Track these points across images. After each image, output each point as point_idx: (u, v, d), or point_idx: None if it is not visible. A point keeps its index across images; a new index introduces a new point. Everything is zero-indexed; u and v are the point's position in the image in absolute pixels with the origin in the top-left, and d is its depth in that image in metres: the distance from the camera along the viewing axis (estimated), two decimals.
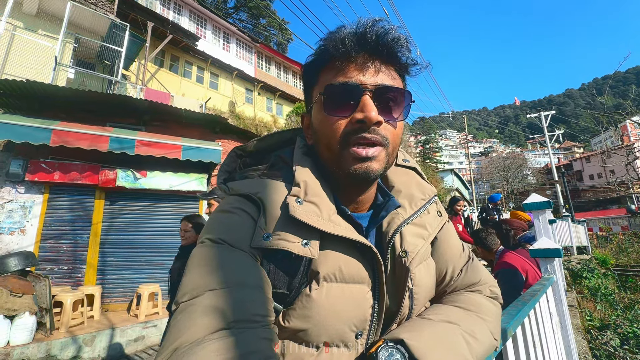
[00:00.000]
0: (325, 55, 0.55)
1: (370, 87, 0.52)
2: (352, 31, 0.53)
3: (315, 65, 0.58)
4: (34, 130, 4.48)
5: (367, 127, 0.51)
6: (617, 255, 9.21)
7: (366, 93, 0.52)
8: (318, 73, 0.58)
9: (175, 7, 15.09)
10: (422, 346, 0.48)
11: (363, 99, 0.52)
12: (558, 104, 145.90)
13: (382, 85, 0.53)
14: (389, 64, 0.55)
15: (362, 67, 0.53)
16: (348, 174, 0.53)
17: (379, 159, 0.53)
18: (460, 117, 38.98)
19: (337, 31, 0.55)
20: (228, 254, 0.48)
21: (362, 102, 0.51)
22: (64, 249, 5.01)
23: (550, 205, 2.37)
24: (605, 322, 4.15)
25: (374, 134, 0.52)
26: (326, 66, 0.56)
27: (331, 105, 0.54)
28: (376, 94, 0.52)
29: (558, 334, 1.79)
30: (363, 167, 0.52)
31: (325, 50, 0.55)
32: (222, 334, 0.38)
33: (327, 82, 0.54)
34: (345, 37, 0.53)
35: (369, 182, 0.57)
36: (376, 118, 0.51)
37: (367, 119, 0.50)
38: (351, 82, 0.52)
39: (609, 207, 32.14)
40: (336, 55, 0.54)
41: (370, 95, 0.52)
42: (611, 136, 36.35)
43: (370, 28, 0.53)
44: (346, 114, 0.53)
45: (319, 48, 0.57)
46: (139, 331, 4.52)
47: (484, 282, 0.68)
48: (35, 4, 7.61)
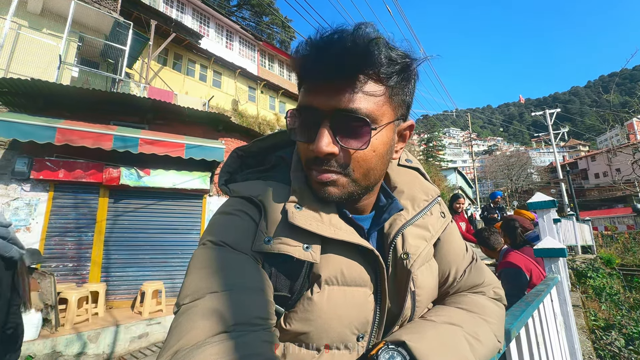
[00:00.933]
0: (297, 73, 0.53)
1: (326, 112, 0.47)
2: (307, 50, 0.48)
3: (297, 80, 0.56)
4: (38, 128, 4.52)
5: (321, 160, 0.49)
6: (622, 255, 9.12)
7: (323, 119, 0.48)
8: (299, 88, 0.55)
9: (178, 5, 15.12)
10: (424, 348, 0.47)
11: (319, 127, 0.48)
12: (563, 102, 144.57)
13: (339, 109, 0.47)
14: (356, 79, 0.46)
15: (323, 89, 0.48)
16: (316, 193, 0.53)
17: (338, 184, 0.51)
18: (464, 115, 38.75)
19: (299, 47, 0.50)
20: (229, 256, 0.48)
21: (319, 132, 0.48)
22: (69, 246, 5.06)
23: (554, 205, 2.34)
24: (610, 322, 4.12)
25: (327, 166, 0.49)
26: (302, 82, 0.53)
27: (293, 130, 0.52)
28: (334, 119, 0.48)
29: (562, 335, 1.78)
30: (323, 191, 0.51)
31: (293, 67, 0.52)
32: (223, 337, 0.38)
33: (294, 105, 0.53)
34: (301, 57, 0.49)
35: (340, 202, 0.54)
36: (325, 151, 0.47)
37: (316, 152, 0.48)
38: (308, 107, 0.49)
39: (614, 206, 31.84)
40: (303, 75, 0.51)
41: (328, 121, 0.48)
42: (617, 134, 35.93)
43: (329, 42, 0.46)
44: (308, 139, 0.50)
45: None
46: (143, 328, 4.55)
47: (488, 283, 0.68)
48: (40, 3, 7.65)
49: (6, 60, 6.81)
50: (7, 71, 6.62)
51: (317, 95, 0.48)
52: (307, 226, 0.49)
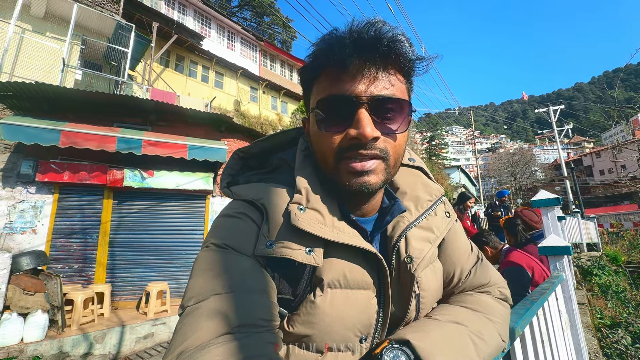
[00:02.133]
0: (317, 62, 0.51)
1: (365, 98, 0.48)
2: (344, 36, 0.48)
3: (309, 71, 0.54)
4: (43, 131, 4.56)
5: (362, 144, 0.48)
6: (628, 252, 9.02)
7: (361, 106, 0.48)
8: (312, 80, 0.54)
9: (179, 6, 15.16)
10: (428, 347, 0.47)
11: (358, 113, 0.48)
12: (567, 99, 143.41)
13: (379, 96, 0.48)
14: (387, 69, 0.50)
15: (356, 77, 0.48)
16: (344, 188, 0.51)
17: (377, 171, 0.50)
18: (467, 113, 38.56)
19: (328, 36, 0.51)
20: (233, 258, 0.48)
21: (357, 117, 0.48)
22: (74, 247, 5.10)
23: (559, 202, 2.33)
24: (617, 320, 4.08)
25: (370, 150, 0.49)
26: (321, 73, 0.52)
27: (324, 121, 0.50)
28: (372, 106, 0.48)
29: (567, 333, 1.77)
30: (359, 181, 0.49)
31: (317, 56, 0.51)
32: (227, 338, 0.38)
33: (320, 95, 0.51)
34: (336, 44, 0.48)
35: (369, 195, 0.55)
36: (371, 134, 0.47)
37: (362, 136, 0.47)
38: (344, 94, 0.48)
39: (620, 202, 31.55)
40: (328, 64, 0.49)
41: (366, 108, 0.48)
42: (622, 130, 35.58)
43: (364, 31, 0.48)
44: (341, 129, 0.49)
45: (311, 53, 0.52)
46: (148, 328, 4.58)
47: (494, 283, 0.67)
48: (43, 6, 7.71)
49: (10, 64, 6.87)
50: (12, 75, 6.68)
51: (351, 82, 0.48)
52: (309, 229, 0.49)
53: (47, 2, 7.66)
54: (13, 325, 3.69)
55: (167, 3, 14.69)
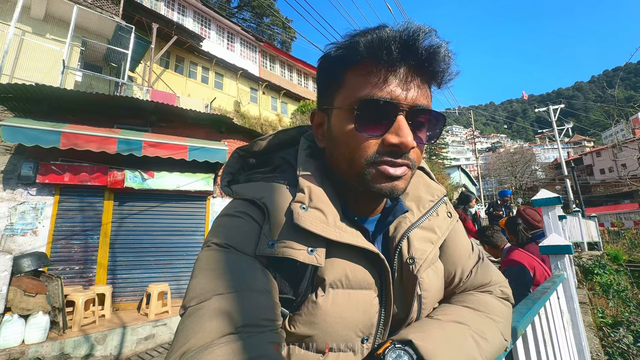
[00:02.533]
0: (355, 55, 0.48)
1: (406, 106, 0.47)
2: (398, 36, 0.46)
3: (341, 62, 0.50)
4: (44, 133, 4.56)
5: (401, 152, 0.48)
6: (629, 251, 9.01)
7: (401, 113, 0.47)
8: (344, 72, 0.50)
9: (179, 7, 15.18)
10: (431, 347, 0.47)
11: (398, 120, 0.47)
12: (567, 98, 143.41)
13: (420, 106, 0.48)
14: (427, 80, 0.49)
15: (402, 82, 0.47)
16: (371, 191, 0.50)
17: (406, 178, 0.51)
18: (467, 113, 38.57)
19: (378, 30, 0.47)
20: (235, 258, 0.48)
21: (398, 124, 0.47)
22: (75, 249, 5.10)
23: (559, 201, 2.32)
24: (618, 319, 4.08)
25: (404, 159, 0.49)
26: (354, 68, 0.49)
27: (363, 122, 0.48)
28: (411, 114, 0.48)
29: (569, 332, 1.76)
30: (390, 186, 0.49)
31: (359, 49, 0.47)
32: (230, 338, 0.38)
33: (361, 94, 0.48)
34: (391, 42, 0.45)
35: (383, 198, 0.56)
36: (412, 144, 0.47)
37: (403, 145, 0.46)
38: (389, 99, 0.46)
39: (621, 201, 31.53)
40: (375, 60, 0.47)
41: (404, 115, 0.47)
42: (622, 129, 35.55)
43: (420, 37, 0.46)
44: (378, 133, 0.48)
45: (350, 44, 0.49)
46: (149, 329, 4.58)
47: (495, 282, 0.67)
48: (43, 8, 7.72)
49: (11, 65, 6.88)
50: (12, 77, 6.69)
51: (397, 86, 0.47)
52: (312, 228, 0.48)
53: (47, 4, 7.67)
54: (14, 327, 3.69)
55: (167, 4, 14.71)
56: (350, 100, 0.49)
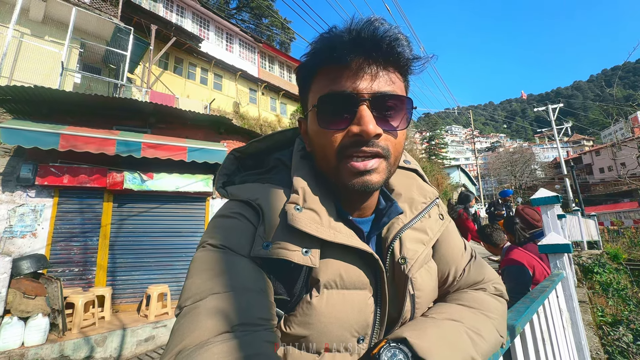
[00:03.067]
0: (316, 60, 0.51)
1: (366, 95, 0.47)
2: (344, 33, 0.48)
3: (307, 69, 0.54)
4: (43, 135, 4.56)
5: (365, 140, 0.48)
6: (629, 250, 9.01)
7: (363, 103, 0.48)
8: (311, 78, 0.53)
9: (178, 9, 15.19)
10: (426, 345, 0.47)
11: (359, 110, 0.47)
12: (566, 97, 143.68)
13: (380, 92, 0.48)
14: (387, 67, 0.50)
15: (357, 74, 0.48)
16: (346, 187, 0.50)
17: (379, 170, 0.50)
18: (466, 112, 38.60)
19: (328, 33, 0.50)
20: (230, 258, 0.48)
21: (359, 114, 0.47)
22: (75, 251, 5.10)
23: (558, 200, 2.32)
24: (618, 317, 4.08)
25: (372, 147, 0.48)
26: (319, 71, 0.52)
27: (325, 118, 0.50)
28: (374, 103, 0.48)
29: (569, 331, 1.76)
30: (361, 180, 0.49)
31: (316, 54, 0.51)
32: (226, 337, 0.38)
33: (319, 93, 0.50)
34: (336, 41, 0.48)
35: (368, 194, 0.56)
36: (374, 131, 0.47)
37: (365, 133, 0.47)
38: (345, 91, 0.48)
39: (620, 200, 31.54)
40: (328, 61, 0.49)
41: (367, 104, 0.48)
42: (621, 128, 35.62)
43: (365, 29, 0.47)
44: (342, 127, 0.49)
45: (310, 51, 0.52)
46: (149, 331, 4.58)
47: (488, 279, 0.67)
48: (42, 10, 7.72)
49: (9, 68, 6.88)
50: (11, 79, 6.69)
51: (352, 79, 0.48)
52: (306, 228, 0.48)
53: (46, 6, 7.67)
54: (14, 329, 3.68)
55: (166, 6, 14.71)
56: (313, 102, 0.52)
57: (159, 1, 14.42)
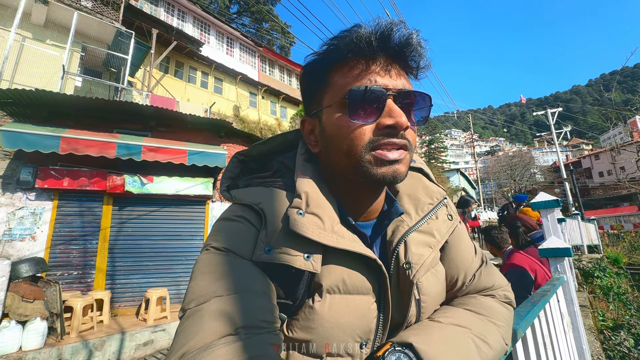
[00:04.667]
0: (337, 55, 0.52)
1: (394, 91, 0.50)
2: (374, 31, 0.50)
3: (323, 65, 0.54)
4: (43, 138, 4.56)
5: (397, 132, 0.50)
6: (629, 254, 9.00)
7: (390, 97, 0.50)
8: (326, 74, 0.54)
9: (179, 13, 15.28)
10: (431, 350, 0.47)
11: (388, 104, 0.50)
12: (565, 101, 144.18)
13: (405, 89, 0.51)
14: (406, 69, 0.54)
15: (384, 70, 0.51)
16: (374, 179, 0.50)
17: (405, 161, 0.51)
18: (466, 116, 38.74)
19: (355, 29, 0.51)
20: (233, 261, 0.48)
21: (389, 107, 0.50)
22: (74, 254, 5.08)
23: (558, 204, 2.33)
24: (619, 322, 4.07)
25: (402, 139, 0.50)
26: (338, 67, 0.53)
27: (356, 110, 0.50)
28: (399, 98, 0.51)
29: (570, 335, 1.76)
30: (391, 170, 0.50)
31: (339, 49, 0.51)
32: (230, 339, 0.38)
33: (348, 85, 0.51)
34: (368, 36, 0.50)
35: (394, 185, 0.59)
36: (406, 123, 0.50)
37: (398, 125, 0.49)
38: (377, 86, 0.50)
39: (620, 204, 31.50)
40: (356, 55, 0.51)
41: (393, 99, 0.50)
42: (620, 132, 35.69)
43: (394, 30, 0.50)
44: (371, 119, 0.50)
45: (330, 47, 0.53)
46: (148, 335, 4.55)
47: (498, 286, 0.66)
48: (43, 14, 7.77)
49: (11, 71, 6.90)
50: (12, 82, 6.72)
51: (381, 74, 0.51)
52: (308, 234, 0.48)
53: (48, 10, 7.72)
54: (12, 333, 3.66)
55: (167, 10, 14.81)
56: (339, 95, 0.52)
57: (160, 5, 14.51)
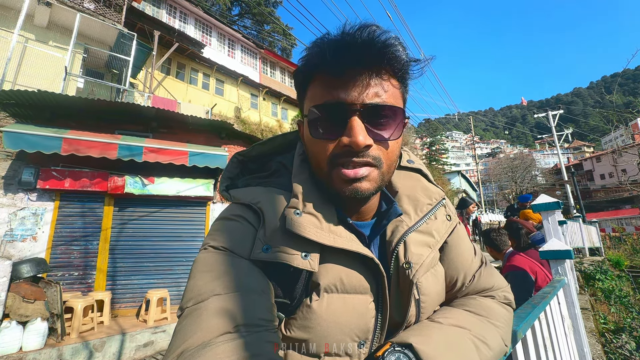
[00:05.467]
0: (309, 67, 0.51)
1: (358, 106, 0.47)
2: (334, 42, 0.47)
3: (302, 76, 0.53)
4: (45, 139, 4.58)
5: (354, 152, 0.47)
6: (631, 257, 8.95)
7: (354, 114, 0.47)
8: (306, 84, 0.53)
9: (181, 15, 15.35)
10: (431, 351, 0.47)
11: (350, 121, 0.47)
12: (566, 103, 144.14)
13: (372, 104, 0.47)
14: (381, 74, 0.49)
15: (349, 83, 0.47)
16: (338, 194, 0.51)
17: (370, 178, 0.50)
18: (467, 118, 38.74)
19: (320, 40, 0.50)
20: (231, 260, 0.48)
21: (350, 125, 0.47)
22: (75, 255, 5.09)
23: (559, 206, 2.32)
24: (620, 325, 4.05)
25: (363, 157, 0.48)
26: (313, 79, 0.51)
27: (317, 128, 0.50)
28: (365, 113, 0.48)
29: (571, 337, 1.75)
30: (352, 188, 0.49)
31: (309, 61, 0.51)
32: (228, 337, 0.39)
33: (312, 102, 0.50)
34: (327, 49, 0.47)
35: (363, 200, 0.55)
36: (364, 143, 0.47)
37: (354, 145, 0.46)
38: (337, 101, 0.47)
39: (621, 207, 31.43)
40: (320, 69, 0.49)
41: (358, 115, 0.47)
42: (622, 135, 35.63)
43: (356, 36, 0.46)
44: (333, 136, 0.49)
45: (304, 57, 0.52)
46: (148, 336, 4.55)
47: (498, 287, 0.66)
48: (46, 16, 7.81)
49: (13, 72, 6.94)
50: (15, 83, 6.75)
51: (344, 89, 0.47)
52: (305, 233, 0.48)
53: (51, 12, 7.77)
54: (12, 333, 3.66)
55: (169, 12, 14.87)
56: (307, 110, 0.51)
57: (163, 7, 14.58)
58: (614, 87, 11.09)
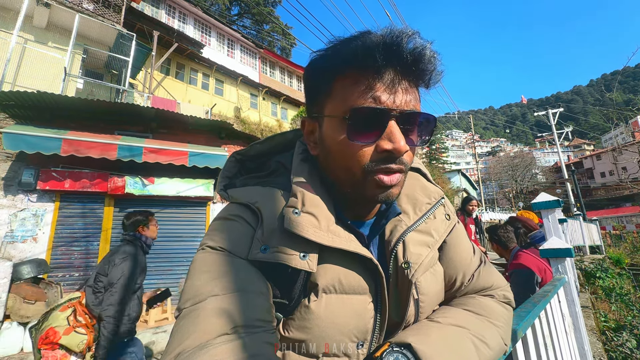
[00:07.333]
0: (342, 64, 0.49)
1: (397, 112, 0.47)
2: (382, 41, 0.45)
3: (328, 72, 0.51)
4: (45, 140, 4.58)
5: (395, 157, 0.48)
6: (632, 255, 8.94)
7: (393, 118, 0.47)
8: (332, 81, 0.51)
9: (180, 15, 15.34)
10: (430, 351, 0.46)
11: (390, 126, 0.47)
12: (566, 101, 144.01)
13: (410, 111, 0.48)
14: (416, 82, 0.49)
15: (390, 87, 0.47)
16: (368, 199, 0.51)
17: (400, 184, 0.51)
18: (467, 117, 38.71)
19: (362, 37, 0.47)
20: (229, 261, 0.48)
21: (390, 130, 0.47)
22: (75, 255, 5.09)
23: (559, 204, 2.31)
24: (621, 323, 4.05)
25: (399, 164, 0.49)
26: (343, 76, 0.49)
27: (356, 130, 0.48)
28: (401, 119, 0.48)
29: (571, 336, 1.75)
30: (386, 194, 0.50)
31: (344, 58, 0.48)
32: (226, 338, 0.38)
33: (352, 103, 0.48)
34: (375, 48, 0.45)
35: (373, 203, 0.56)
36: (405, 148, 0.47)
37: (396, 150, 0.47)
38: (380, 106, 0.47)
39: (622, 204, 31.40)
40: (361, 69, 0.47)
41: (396, 120, 0.47)
42: (622, 132, 35.64)
43: (404, 41, 0.45)
44: (371, 140, 0.48)
45: (335, 53, 0.50)
46: (149, 337, 4.55)
47: (497, 286, 0.66)
48: (45, 17, 7.81)
49: (13, 73, 6.94)
50: (14, 84, 6.75)
51: (386, 92, 0.47)
52: (304, 233, 0.48)
53: (50, 13, 7.76)
54: (13, 334, 3.67)
55: (168, 12, 14.87)
56: (341, 110, 0.49)
57: (162, 8, 14.58)
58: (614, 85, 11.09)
